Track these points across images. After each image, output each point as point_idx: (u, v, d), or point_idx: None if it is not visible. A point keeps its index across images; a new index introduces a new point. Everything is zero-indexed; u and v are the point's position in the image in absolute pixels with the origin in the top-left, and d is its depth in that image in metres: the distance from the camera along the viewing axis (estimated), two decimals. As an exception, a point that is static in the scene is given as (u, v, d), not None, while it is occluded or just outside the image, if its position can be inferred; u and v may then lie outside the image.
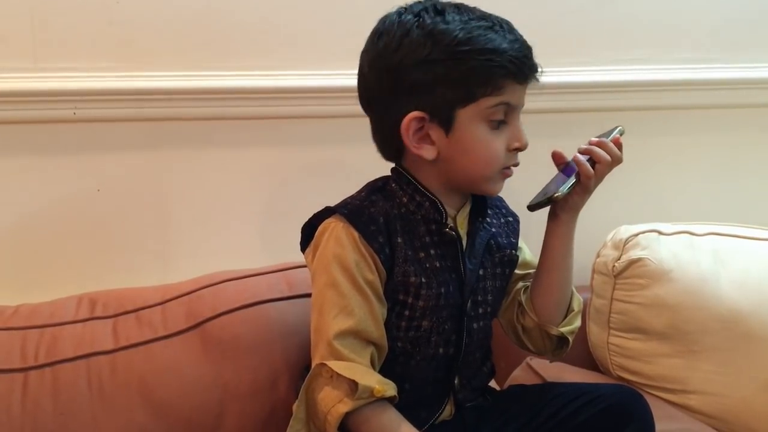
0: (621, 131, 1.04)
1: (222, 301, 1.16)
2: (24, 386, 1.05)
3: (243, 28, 1.32)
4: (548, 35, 1.43)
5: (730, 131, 1.54)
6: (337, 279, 0.93)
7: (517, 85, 0.94)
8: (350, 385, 0.90)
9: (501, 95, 0.93)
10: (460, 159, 0.95)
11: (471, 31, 0.91)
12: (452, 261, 0.98)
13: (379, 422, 0.91)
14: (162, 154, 1.33)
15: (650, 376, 1.29)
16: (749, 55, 1.52)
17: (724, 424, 1.25)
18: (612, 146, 1.00)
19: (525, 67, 0.94)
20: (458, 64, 0.91)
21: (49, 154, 1.29)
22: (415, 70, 0.92)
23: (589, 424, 0.97)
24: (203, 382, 1.10)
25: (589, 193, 1.01)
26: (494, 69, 0.91)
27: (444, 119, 0.93)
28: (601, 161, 0.99)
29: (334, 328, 0.92)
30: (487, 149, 0.95)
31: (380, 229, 0.95)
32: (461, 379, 1.02)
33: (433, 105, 0.93)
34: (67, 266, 1.32)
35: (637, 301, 1.29)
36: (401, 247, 0.95)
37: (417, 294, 0.96)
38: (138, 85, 1.28)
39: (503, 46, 0.92)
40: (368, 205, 0.97)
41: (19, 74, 1.25)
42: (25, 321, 1.12)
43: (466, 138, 0.94)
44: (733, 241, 1.34)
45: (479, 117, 0.93)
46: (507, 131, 0.96)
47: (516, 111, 0.96)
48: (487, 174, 0.96)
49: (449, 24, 0.92)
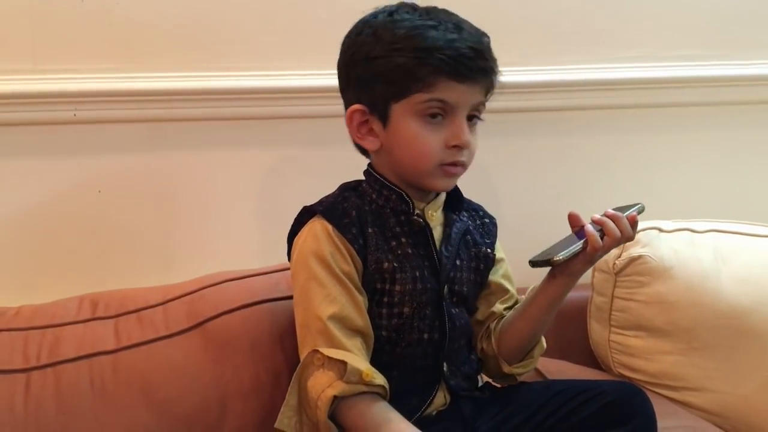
0: (640, 209, 1.03)
1: (223, 301, 1.16)
2: (26, 387, 1.04)
3: (243, 29, 1.33)
4: (547, 34, 1.44)
5: (731, 128, 1.54)
6: (317, 272, 0.97)
7: (455, 83, 0.97)
8: (340, 369, 0.93)
9: (433, 92, 0.96)
10: (397, 151, 1.00)
11: (410, 30, 0.96)
12: (424, 249, 1.02)
13: (369, 412, 0.93)
14: (162, 154, 1.33)
15: (651, 373, 1.29)
16: (748, 52, 1.52)
17: (725, 421, 1.25)
18: (625, 223, 1.00)
19: (462, 66, 0.96)
20: (393, 60, 0.96)
21: (50, 156, 1.29)
22: (360, 66, 1.00)
23: (591, 421, 0.97)
24: (205, 381, 1.10)
25: (591, 264, 1.02)
26: (424, 66, 0.95)
27: (381, 113, 0.99)
28: (612, 236, 0.99)
29: (323, 314, 0.95)
30: (420, 143, 0.98)
31: (353, 221, 1.00)
32: (450, 366, 1.03)
33: (372, 99, 0.99)
34: (68, 267, 1.32)
35: (637, 298, 1.29)
36: (373, 237, 1.00)
37: (392, 279, 1.00)
38: (138, 86, 1.28)
39: (438, 45, 0.95)
40: (341, 201, 1.03)
41: (19, 76, 1.25)
42: (26, 322, 1.12)
43: (400, 131, 0.99)
44: (733, 238, 1.34)
45: (412, 112, 0.98)
46: (446, 128, 0.99)
47: (457, 109, 0.99)
48: (423, 167, 1.00)
49: (395, 24, 0.98)
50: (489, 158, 1.45)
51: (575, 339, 1.38)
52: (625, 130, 1.50)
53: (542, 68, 1.43)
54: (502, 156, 1.45)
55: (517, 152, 1.45)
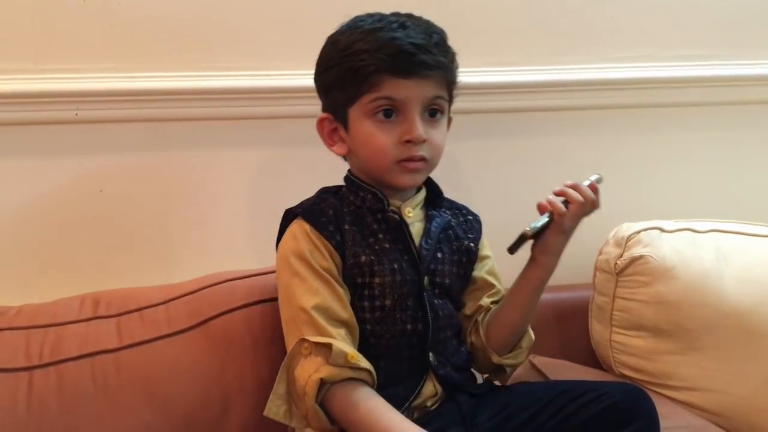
0: (598, 179, 1.08)
1: (225, 300, 1.17)
2: (29, 385, 1.05)
3: (244, 29, 1.33)
4: (547, 33, 1.45)
5: (731, 128, 1.54)
6: (297, 269, 1.02)
7: (400, 79, 1.00)
8: (326, 354, 0.96)
9: (379, 91, 1.00)
10: (359, 153, 1.05)
11: (359, 35, 1.01)
12: (402, 243, 1.06)
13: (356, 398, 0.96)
14: (164, 154, 1.33)
15: (653, 373, 1.29)
16: (750, 52, 1.52)
17: (727, 421, 1.25)
18: (585, 189, 1.05)
19: (402, 62, 0.99)
20: (342, 67, 1.02)
21: (52, 155, 1.29)
22: (323, 76, 1.07)
23: (594, 422, 0.97)
24: (207, 380, 1.11)
25: (564, 234, 1.06)
26: (363, 67, 1.00)
27: (342, 118, 1.05)
28: (573, 201, 1.04)
29: (306, 305, 0.99)
30: (375, 142, 1.02)
31: (330, 219, 1.04)
32: (437, 356, 1.05)
33: (334, 106, 1.06)
34: (70, 267, 1.32)
35: (639, 298, 1.29)
36: (350, 233, 1.04)
37: (371, 272, 1.03)
38: (140, 85, 1.28)
39: (378, 45, 0.99)
40: (319, 202, 1.08)
41: (21, 76, 1.25)
42: (28, 321, 1.12)
43: (358, 133, 1.04)
44: (735, 238, 1.34)
45: (364, 113, 1.02)
46: (399, 125, 1.02)
47: (408, 105, 1.01)
48: (381, 165, 1.03)
49: (347, 31, 1.04)
50: (489, 158, 1.45)
51: (576, 339, 1.38)
52: (626, 130, 1.50)
53: (543, 68, 1.44)
54: (502, 155, 1.45)
55: (517, 152, 1.45)
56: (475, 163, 1.45)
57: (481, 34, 1.41)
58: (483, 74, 1.40)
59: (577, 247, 1.43)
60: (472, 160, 1.44)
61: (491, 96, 1.42)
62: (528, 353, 1.15)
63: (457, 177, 1.42)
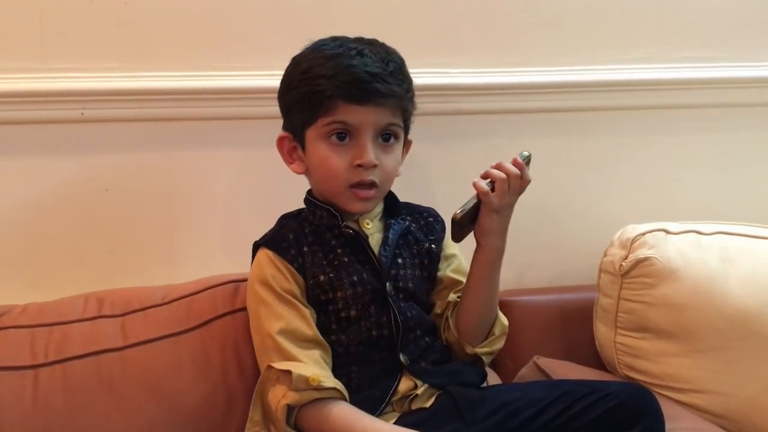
0: (524, 155, 1.09)
1: (228, 301, 1.18)
2: (35, 383, 1.06)
3: (250, 29, 1.33)
4: (553, 34, 1.44)
5: (738, 130, 1.54)
6: (262, 295, 1.06)
7: (354, 105, 1.04)
8: (289, 380, 0.99)
9: (333, 115, 1.04)
10: (314, 173, 1.10)
11: (317, 60, 1.06)
12: (362, 254, 1.09)
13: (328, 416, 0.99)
14: (169, 154, 1.33)
15: (657, 375, 1.29)
16: (756, 54, 1.51)
17: (732, 423, 1.25)
18: (508, 165, 1.07)
19: (356, 89, 1.03)
20: (300, 89, 1.06)
21: (57, 154, 1.30)
22: (284, 96, 1.11)
23: (599, 422, 0.97)
24: (212, 379, 1.11)
25: (496, 212, 1.07)
26: (320, 92, 1.04)
27: (299, 138, 1.09)
28: (496, 179, 1.06)
29: (272, 331, 1.03)
30: (327, 164, 1.06)
31: (290, 243, 1.08)
32: (408, 355, 1.08)
33: (293, 126, 1.10)
34: (74, 266, 1.32)
35: (644, 300, 1.29)
36: (309, 255, 1.08)
37: (332, 288, 1.07)
38: (146, 85, 1.28)
39: (335, 71, 1.04)
40: (279, 229, 1.13)
41: (27, 75, 1.26)
42: (33, 319, 1.13)
43: (313, 154, 1.08)
44: (740, 240, 1.34)
45: (319, 135, 1.06)
46: (351, 149, 1.06)
47: (361, 130, 1.05)
48: (334, 188, 1.08)
49: (309, 55, 1.08)
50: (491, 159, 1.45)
51: (581, 340, 1.38)
52: (632, 131, 1.50)
53: (548, 69, 1.43)
54: (505, 156, 1.45)
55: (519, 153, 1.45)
56: (476, 164, 1.44)
57: (484, 35, 1.41)
58: (486, 75, 1.40)
59: (582, 248, 1.44)
60: (473, 161, 1.44)
61: (495, 97, 1.41)
62: (503, 339, 1.16)
63: (458, 178, 1.42)
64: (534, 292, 1.42)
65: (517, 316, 1.31)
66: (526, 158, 1.08)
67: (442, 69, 1.37)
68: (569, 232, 1.47)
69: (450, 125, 1.40)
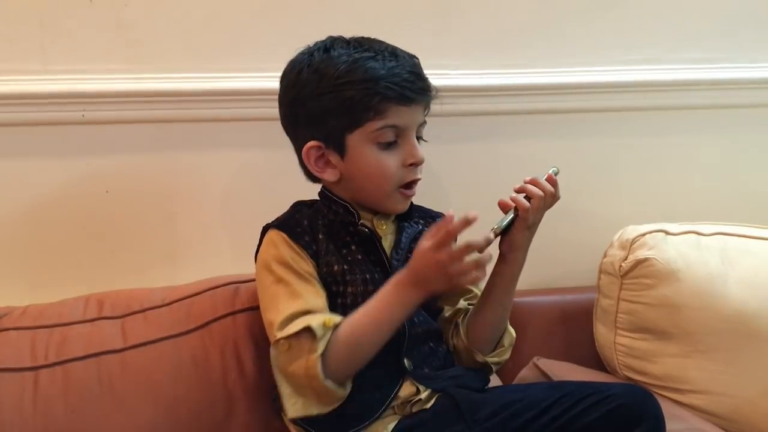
0: (555, 171, 1.10)
1: (229, 303, 1.18)
2: (35, 385, 1.06)
3: (249, 31, 1.33)
4: (554, 35, 1.44)
5: (737, 131, 1.53)
6: (281, 274, 1.04)
7: (402, 107, 1.04)
8: (306, 336, 0.98)
9: (384, 119, 1.03)
10: (358, 178, 1.07)
11: (351, 64, 1.03)
12: (375, 255, 1.09)
13: (336, 332, 0.99)
14: (170, 155, 1.33)
15: (657, 375, 1.29)
16: (755, 55, 1.51)
17: (732, 424, 1.25)
18: (544, 183, 1.07)
19: (406, 90, 1.03)
20: (340, 94, 1.03)
21: (58, 156, 1.30)
22: (308, 104, 1.05)
23: (600, 423, 0.96)
24: (212, 381, 1.11)
25: (528, 229, 1.08)
26: (372, 96, 1.02)
27: (337, 145, 1.06)
28: (534, 196, 1.06)
29: (285, 313, 1.00)
30: (379, 168, 1.05)
31: (305, 230, 1.07)
32: (412, 360, 1.07)
33: (326, 133, 1.06)
34: (75, 267, 1.33)
35: (643, 301, 1.29)
36: (324, 242, 1.07)
37: (344, 281, 1.06)
38: (146, 87, 1.29)
39: (380, 74, 1.02)
40: (294, 213, 1.11)
41: (28, 76, 1.26)
42: (33, 321, 1.13)
43: (359, 159, 1.05)
44: (740, 240, 1.34)
45: (368, 140, 1.04)
46: (401, 149, 1.06)
47: (408, 130, 1.06)
48: (384, 190, 1.07)
49: (333, 59, 1.04)
50: (492, 160, 1.45)
51: (581, 341, 1.38)
52: (632, 132, 1.50)
53: (548, 70, 1.44)
54: (508, 157, 1.45)
55: (521, 154, 1.45)
56: (477, 165, 1.45)
57: (484, 37, 1.42)
58: (486, 76, 1.40)
59: (581, 249, 1.44)
60: (474, 162, 1.44)
61: (495, 98, 1.42)
62: (510, 350, 1.16)
63: (459, 179, 1.43)
64: (534, 293, 1.42)
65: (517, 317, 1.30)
66: (556, 174, 1.09)
67: (442, 70, 1.37)
68: (569, 233, 1.47)
69: (449, 126, 1.39)
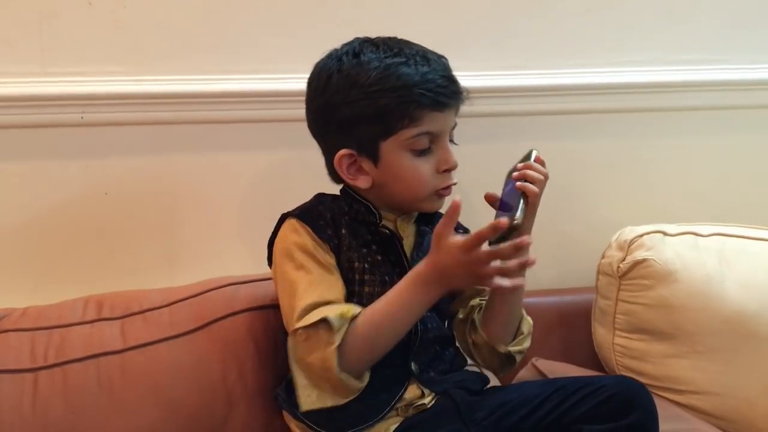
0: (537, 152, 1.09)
1: (228, 304, 1.17)
2: (34, 386, 1.06)
3: (249, 33, 1.33)
4: (552, 37, 1.45)
5: (736, 132, 1.54)
6: (302, 261, 1.02)
7: (436, 113, 1.02)
8: (324, 327, 0.97)
9: (419, 126, 1.02)
10: (392, 185, 1.05)
11: (383, 70, 1.01)
12: (395, 257, 1.08)
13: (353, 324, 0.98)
14: (169, 157, 1.33)
15: (655, 376, 1.29)
16: (755, 56, 1.52)
17: (729, 425, 1.25)
18: (539, 166, 1.06)
19: (440, 96, 1.02)
20: (373, 102, 1.01)
21: (57, 158, 1.30)
22: (339, 111, 1.03)
23: (592, 414, 0.96)
24: (211, 382, 1.11)
25: (534, 214, 1.07)
26: (407, 104, 1.00)
27: (370, 152, 1.04)
28: (536, 181, 1.04)
29: (305, 302, 0.99)
30: (415, 175, 1.04)
31: (327, 223, 1.05)
32: (419, 365, 1.06)
33: (358, 141, 1.03)
34: (74, 269, 1.33)
35: (642, 301, 1.29)
36: (346, 238, 1.05)
37: (362, 280, 1.05)
38: (145, 89, 1.29)
39: (414, 80, 1.00)
40: (317, 205, 1.09)
41: (26, 79, 1.26)
42: (33, 323, 1.13)
43: (393, 167, 1.04)
44: (738, 241, 1.34)
45: (402, 147, 1.03)
46: (435, 155, 1.05)
47: (442, 135, 1.05)
48: (419, 196, 1.06)
49: (364, 65, 1.01)
50: (492, 161, 1.45)
51: (579, 342, 1.38)
52: (631, 133, 1.50)
53: (546, 72, 1.44)
54: (504, 159, 1.45)
55: (521, 155, 1.45)
56: (477, 166, 1.45)
57: (483, 38, 1.42)
58: (485, 78, 1.40)
59: (580, 250, 1.44)
60: (474, 164, 1.44)
61: (495, 99, 1.41)
62: (530, 338, 1.15)
63: (459, 179, 1.42)
64: (533, 294, 1.41)
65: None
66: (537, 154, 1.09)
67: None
68: (568, 234, 1.47)
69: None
